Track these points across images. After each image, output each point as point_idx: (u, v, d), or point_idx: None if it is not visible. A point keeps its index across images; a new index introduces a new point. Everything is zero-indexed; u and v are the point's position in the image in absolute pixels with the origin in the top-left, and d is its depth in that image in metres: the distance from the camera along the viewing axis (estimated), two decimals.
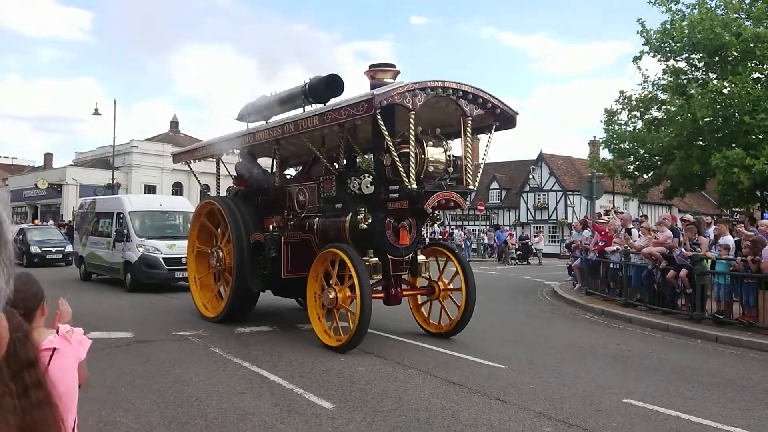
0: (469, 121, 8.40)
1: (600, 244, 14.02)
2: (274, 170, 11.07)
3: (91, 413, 5.58)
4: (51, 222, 34.48)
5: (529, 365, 7.61)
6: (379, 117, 7.67)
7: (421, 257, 9.17)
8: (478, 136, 9.77)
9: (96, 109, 36.69)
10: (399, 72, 8.72)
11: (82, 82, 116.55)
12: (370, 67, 8.74)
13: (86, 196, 23.24)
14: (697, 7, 19.95)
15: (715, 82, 18.19)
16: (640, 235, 13.03)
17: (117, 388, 6.41)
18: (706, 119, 18.22)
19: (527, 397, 6.18)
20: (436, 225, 13.67)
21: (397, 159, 7.77)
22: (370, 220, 8.21)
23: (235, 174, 11.69)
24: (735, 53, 18.74)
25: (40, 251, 22.89)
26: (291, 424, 5.34)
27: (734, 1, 19.72)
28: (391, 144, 7.83)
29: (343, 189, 8.72)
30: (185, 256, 14.33)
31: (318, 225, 9.28)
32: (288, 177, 11.58)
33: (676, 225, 12.70)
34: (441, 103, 8.49)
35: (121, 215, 15.98)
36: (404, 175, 7.73)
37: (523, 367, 7.51)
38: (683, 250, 11.02)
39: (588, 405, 5.89)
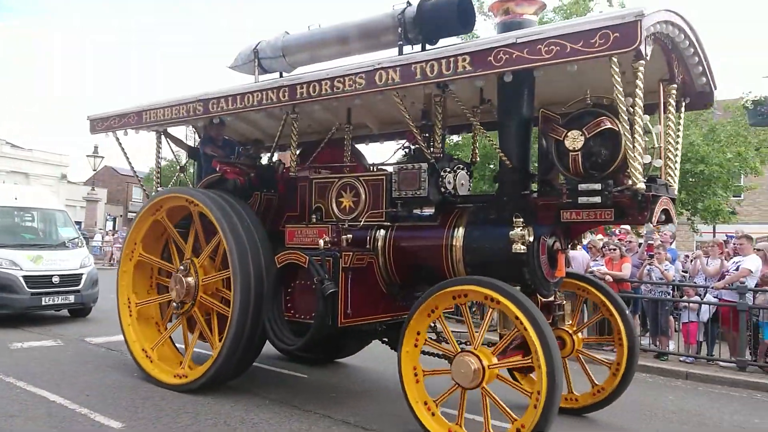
0: (674, 91, 5.43)
1: None
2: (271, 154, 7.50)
3: None
4: None
5: (334, 375, 7.60)
6: (615, 60, 4.43)
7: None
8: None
9: None
10: (545, 5, 5.77)
11: None
12: None
13: None
14: None
15: None
16: None
17: None
18: None
19: (328, 405, 6.17)
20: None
21: (630, 137, 4.56)
22: (531, 239, 5.14)
23: (212, 154, 7.32)
24: None
25: None
26: None
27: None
28: (623, 109, 4.56)
29: (436, 186, 5.75)
30: (57, 273, 10.52)
31: (388, 241, 6.01)
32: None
33: None
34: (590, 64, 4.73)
35: None
36: (635, 165, 4.58)
37: (326, 376, 7.47)
38: None
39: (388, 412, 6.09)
